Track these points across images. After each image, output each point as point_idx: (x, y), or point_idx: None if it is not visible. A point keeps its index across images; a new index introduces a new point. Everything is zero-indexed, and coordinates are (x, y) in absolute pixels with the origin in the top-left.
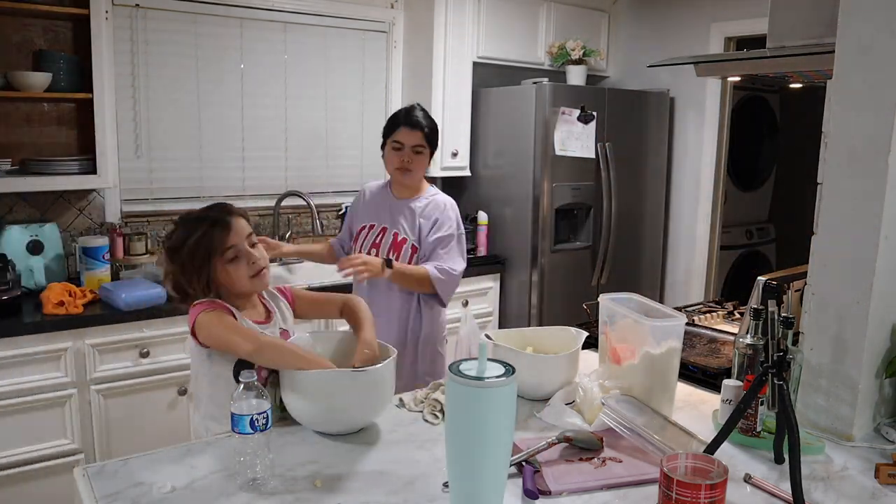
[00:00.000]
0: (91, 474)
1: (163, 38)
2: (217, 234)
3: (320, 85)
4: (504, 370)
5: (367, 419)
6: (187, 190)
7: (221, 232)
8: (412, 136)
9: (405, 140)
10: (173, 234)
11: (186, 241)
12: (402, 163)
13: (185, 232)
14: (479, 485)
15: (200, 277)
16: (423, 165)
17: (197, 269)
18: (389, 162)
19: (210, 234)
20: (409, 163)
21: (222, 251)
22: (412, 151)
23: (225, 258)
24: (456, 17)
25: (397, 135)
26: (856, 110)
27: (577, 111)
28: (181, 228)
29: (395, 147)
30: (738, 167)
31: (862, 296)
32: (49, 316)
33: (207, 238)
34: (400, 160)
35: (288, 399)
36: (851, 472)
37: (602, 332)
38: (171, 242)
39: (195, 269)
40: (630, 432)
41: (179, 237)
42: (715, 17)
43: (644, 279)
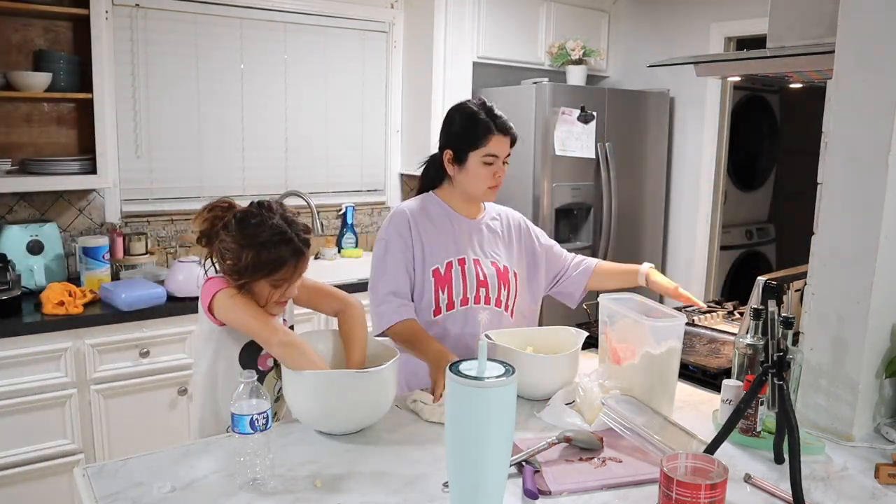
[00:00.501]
0: (91, 474)
1: (163, 38)
2: (290, 264)
3: (320, 85)
4: (504, 370)
5: (370, 419)
6: (187, 190)
7: (295, 265)
8: (505, 144)
9: (500, 151)
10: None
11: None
12: (497, 179)
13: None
14: (479, 485)
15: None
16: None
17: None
18: (476, 178)
19: (285, 261)
20: (501, 177)
21: (280, 277)
22: (503, 163)
23: (277, 284)
24: (456, 17)
25: (491, 145)
26: (856, 110)
27: (577, 111)
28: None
29: (488, 162)
30: (738, 167)
31: (862, 296)
32: (49, 316)
33: (281, 262)
34: (494, 176)
35: (289, 397)
36: (851, 472)
37: (602, 332)
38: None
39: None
40: (630, 432)
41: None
42: (715, 17)
43: None
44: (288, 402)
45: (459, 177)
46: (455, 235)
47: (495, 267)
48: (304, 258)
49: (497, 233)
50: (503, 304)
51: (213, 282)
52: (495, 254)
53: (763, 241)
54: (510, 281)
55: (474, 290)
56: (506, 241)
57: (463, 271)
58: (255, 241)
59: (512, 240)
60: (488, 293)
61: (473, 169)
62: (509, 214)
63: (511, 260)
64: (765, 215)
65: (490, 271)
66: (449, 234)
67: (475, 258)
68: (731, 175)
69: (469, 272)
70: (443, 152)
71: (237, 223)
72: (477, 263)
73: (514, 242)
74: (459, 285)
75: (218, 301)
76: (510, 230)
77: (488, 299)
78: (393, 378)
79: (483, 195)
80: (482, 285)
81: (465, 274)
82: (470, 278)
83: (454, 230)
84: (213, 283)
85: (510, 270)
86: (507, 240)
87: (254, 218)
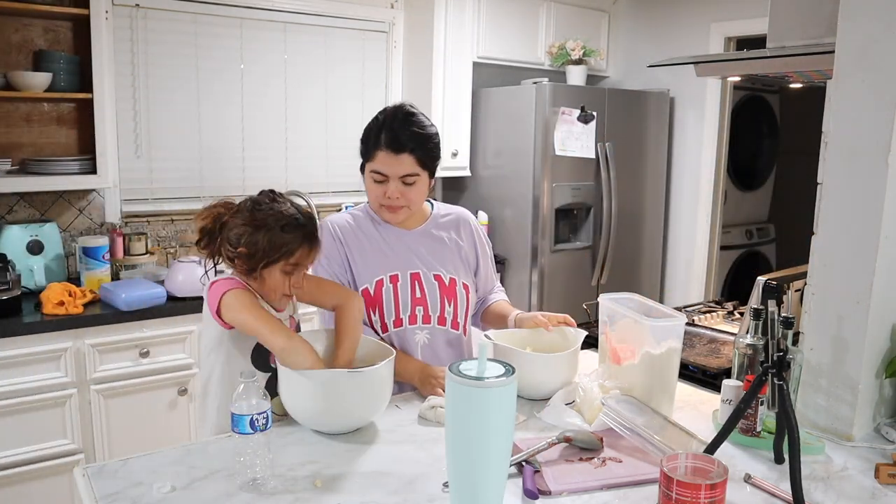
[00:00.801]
0: (91, 474)
1: (163, 39)
2: (305, 247)
3: (320, 85)
4: (504, 370)
5: (365, 419)
6: (187, 190)
7: (310, 249)
8: (397, 162)
9: (388, 170)
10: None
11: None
12: (389, 200)
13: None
14: (479, 485)
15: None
16: (422, 193)
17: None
18: (371, 194)
19: (300, 243)
20: (398, 199)
21: (295, 263)
22: (401, 183)
23: (290, 270)
24: (456, 17)
25: (375, 161)
26: (856, 110)
27: (577, 111)
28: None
29: (376, 179)
30: (738, 167)
31: (862, 296)
32: (49, 316)
33: (297, 244)
34: (384, 195)
35: (286, 397)
36: (851, 472)
37: (602, 332)
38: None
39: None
40: (630, 432)
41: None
42: (715, 17)
43: (644, 279)
44: (284, 402)
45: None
46: (388, 249)
47: (438, 281)
48: (318, 243)
49: (444, 241)
50: (448, 322)
51: (219, 284)
52: (440, 265)
53: (763, 241)
54: (458, 293)
55: (409, 310)
56: (454, 248)
57: (395, 289)
58: (271, 223)
59: (461, 246)
60: (427, 311)
61: (368, 183)
62: (459, 217)
63: (459, 270)
64: (765, 215)
65: (431, 286)
66: (381, 248)
67: (414, 272)
68: (731, 175)
69: (402, 289)
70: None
71: (251, 206)
72: (416, 278)
73: (463, 248)
74: (391, 305)
75: (226, 303)
76: (459, 235)
77: (427, 318)
78: (389, 377)
79: (379, 213)
80: (418, 303)
81: (398, 292)
82: (403, 296)
83: (387, 244)
84: (220, 285)
85: (458, 282)
86: (456, 247)
87: (267, 202)
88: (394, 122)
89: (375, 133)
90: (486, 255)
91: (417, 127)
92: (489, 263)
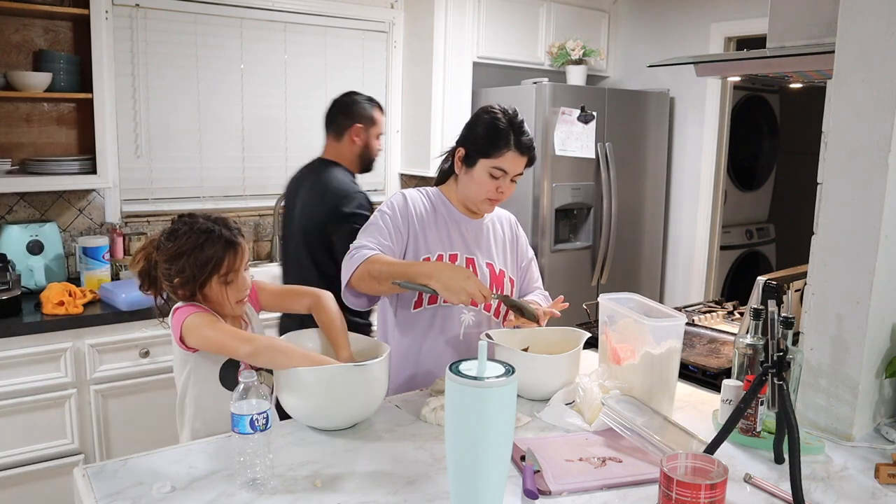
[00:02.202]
0: (91, 474)
1: (163, 38)
2: (229, 254)
3: (320, 85)
4: (504, 370)
5: (362, 415)
6: (187, 190)
7: (234, 254)
8: (520, 163)
9: (511, 168)
10: (178, 237)
11: (195, 250)
12: (499, 194)
13: (196, 240)
14: (479, 485)
15: (193, 286)
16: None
17: (193, 278)
18: (477, 186)
19: (222, 253)
20: (503, 193)
21: (226, 272)
22: (510, 181)
23: (226, 279)
24: (456, 18)
25: (503, 159)
26: (856, 110)
27: (577, 111)
28: (190, 234)
29: (495, 175)
30: (738, 167)
31: (862, 296)
32: (49, 316)
33: (219, 255)
34: (496, 190)
35: (282, 395)
36: (851, 472)
37: (602, 332)
38: (176, 246)
39: (191, 278)
40: (630, 432)
41: (188, 243)
42: (715, 17)
43: (644, 279)
44: (281, 400)
45: (464, 178)
46: (451, 231)
47: (490, 269)
48: (240, 247)
49: (499, 234)
50: (492, 309)
51: (179, 312)
52: (492, 256)
53: (763, 241)
54: (504, 285)
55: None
56: (504, 243)
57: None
58: (188, 247)
59: (507, 243)
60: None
61: (479, 176)
62: (511, 217)
63: (507, 264)
64: (765, 215)
65: (483, 272)
66: (445, 228)
67: (469, 257)
68: (731, 175)
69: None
70: (457, 148)
71: (166, 239)
72: (471, 263)
73: (510, 245)
74: None
75: (187, 328)
76: (513, 232)
77: (474, 302)
78: (385, 372)
79: (480, 205)
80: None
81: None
82: None
83: (451, 226)
84: (180, 314)
85: (506, 275)
86: (505, 243)
87: (179, 229)
88: (520, 127)
89: (504, 133)
90: (531, 258)
91: (531, 136)
92: (533, 263)
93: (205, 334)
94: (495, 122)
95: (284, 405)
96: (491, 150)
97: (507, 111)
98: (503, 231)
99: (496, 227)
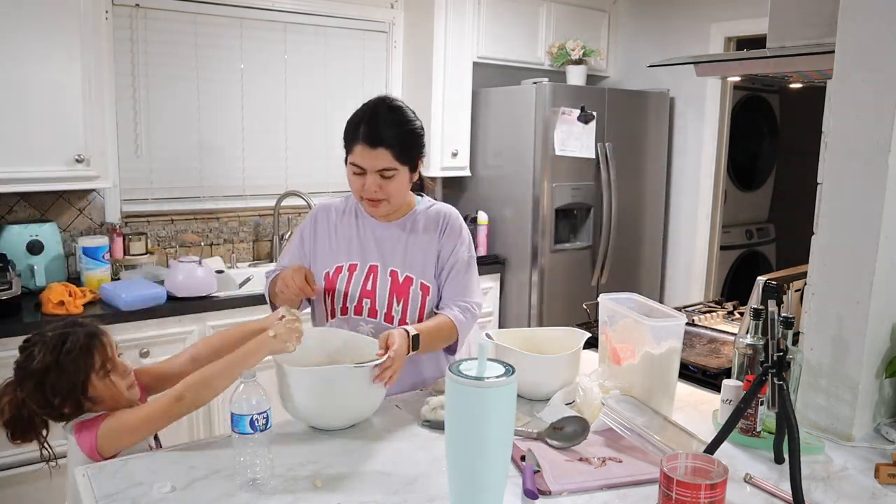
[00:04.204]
0: (91, 474)
1: (163, 38)
2: (95, 344)
3: (320, 85)
4: (504, 370)
5: (361, 416)
6: (187, 190)
7: (101, 342)
8: (374, 156)
9: (365, 163)
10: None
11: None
12: (369, 192)
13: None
14: (478, 484)
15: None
16: (402, 187)
17: (73, 387)
18: (352, 186)
19: (88, 346)
20: (376, 192)
21: (102, 362)
22: (379, 176)
23: (105, 371)
24: (456, 17)
25: (353, 154)
26: (856, 110)
27: (577, 111)
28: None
29: (355, 172)
30: (738, 167)
31: (862, 296)
32: (49, 316)
33: (86, 350)
34: (363, 188)
35: (283, 395)
36: (851, 472)
37: (602, 332)
38: (38, 365)
39: (71, 388)
40: (630, 432)
41: (50, 356)
42: (715, 17)
43: (644, 279)
44: (282, 400)
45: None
46: (356, 239)
47: (392, 277)
48: (103, 332)
49: (416, 237)
50: (396, 320)
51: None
52: (402, 262)
53: (763, 241)
54: (410, 293)
55: (355, 300)
56: (424, 246)
57: (350, 277)
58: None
59: (435, 245)
60: (374, 305)
61: (348, 175)
62: (443, 216)
63: (423, 269)
64: (765, 215)
65: (383, 281)
66: (350, 236)
67: (372, 264)
68: (731, 175)
69: (356, 279)
70: None
71: (21, 371)
72: (372, 271)
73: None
74: (341, 292)
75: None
76: (438, 234)
77: (373, 312)
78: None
79: (361, 204)
80: (367, 296)
81: (351, 280)
82: (354, 286)
83: (358, 233)
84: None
85: (415, 281)
86: (427, 245)
87: (32, 349)
88: (373, 116)
89: (354, 126)
90: (459, 262)
91: (396, 121)
92: (460, 272)
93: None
94: (353, 116)
95: (285, 407)
96: (346, 145)
97: (374, 100)
98: (426, 230)
99: (417, 228)
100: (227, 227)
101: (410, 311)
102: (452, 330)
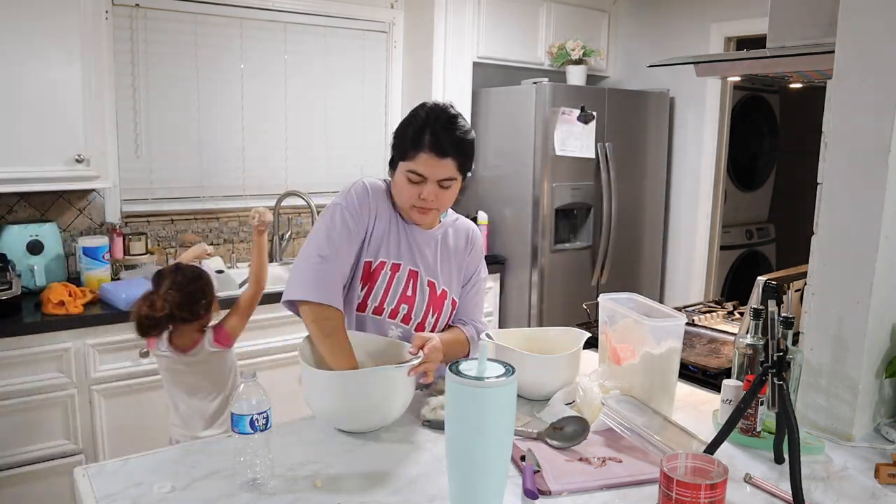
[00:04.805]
0: (91, 474)
1: (163, 39)
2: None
3: (320, 84)
4: (504, 370)
5: (392, 416)
6: (187, 190)
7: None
8: (439, 165)
9: (428, 172)
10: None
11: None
12: (423, 202)
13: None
14: (479, 484)
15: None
16: (453, 198)
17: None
18: (402, 193)
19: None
20: (432, 201)
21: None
22: (438, 186)
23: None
24: (456, 17)
25: (416, 162)
26: (856, 110)
27: (577, 111)
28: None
29: (412, 179)
30: (738, 167)
31: (862, 296)
32: (49, 316)
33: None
34: (418, 197)
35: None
36: (851, 472)
37: (602, 332)
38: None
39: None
40: (630, 432)
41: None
42: (715, 17)
43: (644, 279)
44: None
45: (393, 183)
46: (401, 238)
47: (431, 287)
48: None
49: (451, 249)
50: (425, 330)
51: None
52: (436, 273)
53: (763, 241)
54: (443, 307)
55: (393, 304)
56: (457, 260)
57: (391, 278)
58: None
59: (458, 259)
60: (410, 312)
61: (399, 181)
62: (471, 231)
63: (451, 284)
64: (765, 215)
65: (423, 290)
66: (395, 233)
67: (413, 269)
68: (731, 175)
69: (396, 281)
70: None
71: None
72: (413, 276)
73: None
74: (381, 290)
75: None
76: (467, 249)
77: (408, 319)
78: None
79: (408, 213)
80: (405, 301)
81: (392, 282)
82: (395, 289)
83: (401, 233)
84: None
85: (448, 296)
86: (455, 259)
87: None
88: (437, 124)
89: (418, 132)
90: (479, 282)
91: (461, 131)
92: (479, 292)
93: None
94: (412, 120)
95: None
96: (405, 151)
97: (433, 107)
98: (456, 245)
99: (448, 239)
100: (227, 227)
101: (442, 322)
102: (465, 346)
